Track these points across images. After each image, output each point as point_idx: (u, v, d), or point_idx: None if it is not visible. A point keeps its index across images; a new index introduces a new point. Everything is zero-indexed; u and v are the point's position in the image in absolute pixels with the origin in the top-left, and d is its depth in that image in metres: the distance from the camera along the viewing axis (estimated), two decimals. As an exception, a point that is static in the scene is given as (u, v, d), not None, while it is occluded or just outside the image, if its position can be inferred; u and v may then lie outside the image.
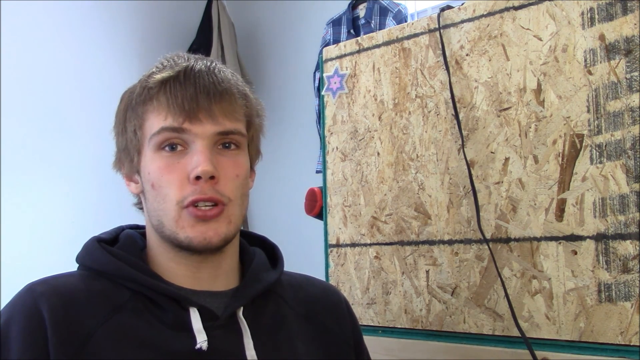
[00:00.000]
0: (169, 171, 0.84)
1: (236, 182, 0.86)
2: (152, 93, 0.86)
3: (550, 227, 1.05)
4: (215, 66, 0.88)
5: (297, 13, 3.61)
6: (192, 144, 0.84)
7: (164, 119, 0.84)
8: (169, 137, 0.84)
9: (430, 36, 1.23)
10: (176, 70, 0.86)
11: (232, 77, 0.89)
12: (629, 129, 0.98)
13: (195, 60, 0.88)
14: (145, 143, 0.86)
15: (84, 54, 3.32)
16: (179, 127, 0.83)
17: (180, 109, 0.83)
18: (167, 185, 0.84)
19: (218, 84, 0.86)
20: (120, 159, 0.91)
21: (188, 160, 0.84)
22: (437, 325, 1.19)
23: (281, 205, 3.52)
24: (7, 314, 0.80)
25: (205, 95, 0.84)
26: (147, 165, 0.86)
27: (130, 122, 0.88)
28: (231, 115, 0.86)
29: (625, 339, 0.96)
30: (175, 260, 0.87)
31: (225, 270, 0.90)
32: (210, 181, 0.83)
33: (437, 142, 1.21)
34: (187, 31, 3.70)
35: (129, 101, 0.89)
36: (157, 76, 0.86)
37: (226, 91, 0.86)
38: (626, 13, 0.98)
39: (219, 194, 0.84)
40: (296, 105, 3.56)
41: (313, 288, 1.00)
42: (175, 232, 0.84)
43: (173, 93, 0.84)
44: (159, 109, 0.85)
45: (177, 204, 0.83)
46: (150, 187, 0.86)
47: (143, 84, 0.87)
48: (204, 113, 0.84)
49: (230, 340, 0.85)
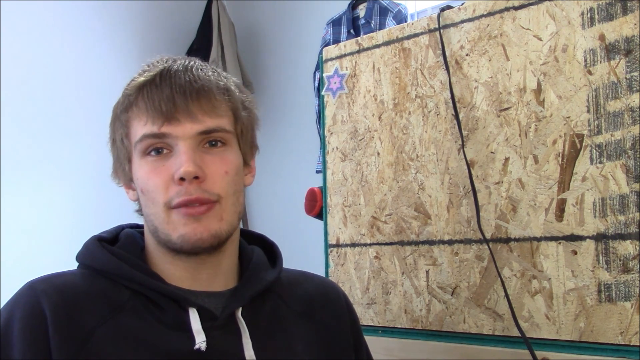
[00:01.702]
0: (155, 174, 0.84)
1: (226, 178, 0.85)
2: (132, 99, 0.85)
3: (550, 227, 1.05)
4: (194, 64, 0.87)
5: (297, 13, 3.61)
6: (176, 146, 0.84)
7: (144, 124, 0.84)
8: (152, 143, 0.84)
9: (430, 36, 1.23)
10: (152, 74, 0.85)
11: (213, 74, 0.88)
12: (629, 129, 0.98)
13: (173, 61, 0.87)
14: (132, 150, 0.86)
15: (84, 54, 3.32)
16: (159, 133, 0.83)
17: (158, 111, 0.83)
18: (154, 189, 0.84)
19: (194, 81, 0.84)
20: (116, 169, 0.91)
21: (172, 162, 0.83)
22: (437, 325, 1.19)
23: (281, 205, 3.53)
24: (9, 312, 0.80)
25: (181, 94, 0.83)
26: (136, 171, 0.86)
27: (118, 132, 0.88)
28: (212, 112, 0.85)
29: (625, 339, 0.96)
30: (174, 263, 0.87)
31: (224, 270, 0.90)
32: (195, 181, 0.82)
33: (437, 142, 1.21)
34: (187, 31, 3.70)
35: (115, 111, 0.89)
36: (135, 82, 0.86)
37: (203, 88, 0.85)
38: (626, 13, 0.98)
39: (207, 192, 0.83)
40: (296, 105, 3.56)
41: (312, 284, 1.00)
42: (169, 234, 0.84)
43: (150, 97, 0.84)
44: (139, 114, 0.85)
45: (165, 205, 0.83)
46: (141, 193, 0.86)
47: (124, 92, 0.88)
48: (182, 113, 0.83)
49: (229, 341, 0.85)
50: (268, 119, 3.67)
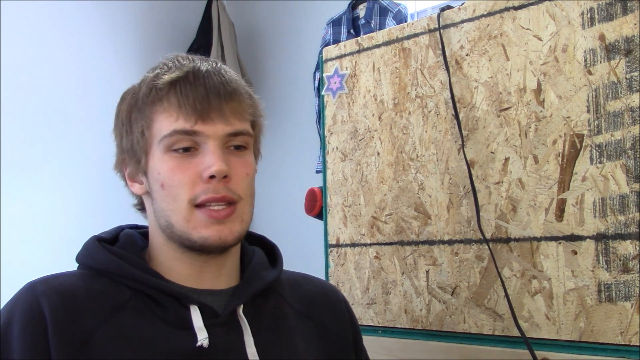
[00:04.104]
0: (181, 171, 0.84)
1: (246, 180, 0.87)
2: (162, 94, 0.85)
3: (550, 227, 1.05)
4: (221, 67, 0.89)
5: (297, 13, 3.61)
6: (204, 144, 0.85)
7: (175, 120, 0.84)
8: (181, 139, 0.84)
9: (430, 36, 1.23)
10: (184, 71, 0.86)
11: (238, 78, 0.90)
12: (629, 129, 0.98)
13: (200, 61, 0.89)
14: (154, 144, 0.86)
15: (84, 53, 3.32)
16: (191, 130, 0.84)
17: (192, 109, 0.84)
18: (178, 184, 0.84)
19: (227, 84, 0.86)
20: (124, 160, 0.90)
21: (200, 160, 0.84)
22: (437, 325, 1.19)
23: (281, 205, 3.52)
24: (8, 313, 0.80)
25: (215, 95, 0.85)
26: (156, 165, 0.86)
27: (137, 123, 0.87)
28: (240, 115, 0.87)
29: (625, 339, 0.96)
30: (181, 260, 0.88)
31: (227, 269, 0.91)
32: (223, 180, 0.84)
33: (437, 142, 1.21)
34: (187, 31, 3.70)
35: (133, 102, 0.88)
36: (166, 77, 0.86)
37: (235, 91, 0.87)
38: (626, 13, 0.98)
39: (232, 192, 0.85)
40: (296, 105, 3.56)
41: (312, 286, 1.00)
42: (188, 232, 0.84)
43: (184, 93, 0.84)
44: (169, 109, 0.85)
45: (189, 202, 0.84)
46: (159, 187, 0.85)
47: (150, 84, 0.87)
48: (216, 113, 0.84)
49: (230, 338, 0.85)
50: (268, 119, 3.64)
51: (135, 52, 3.47)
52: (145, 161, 0.87)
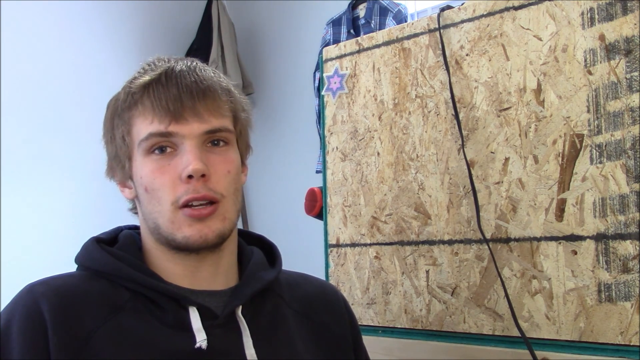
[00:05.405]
0: (160, 173, 0.84)
1: (228, 178, 0.87)
2: (136, 98, 0.86)
3: (550, 227, 1.05)
4: (197, 65, 0.89)
5: (297, 13, 3.61)
6: (181, 145, 0.85)
7: (150, 122, 0.84)
8: (157, 141, 0.85)
9: (430, 36, 1.23)
10: (157, 73, 0.86)
11: (214, 75, 0.90)
12: (629, 129, 0.98)
13: (175, 61, 0.89)
14: (134, 148, 0.87)
15: (84, 53, 3.32)
16: (166, 132, 0.84)
17: (165, 110, 0.84)
18: (160, 187, 0.84)
19: (200, 82, 0.86)
20: (112, 166, 0.91)
21: (178, 161, 0.84)
22: (437, 325, 1.19)
23: (281, 205, 3.52)
24: (8, 315, 0.80)
25: (188, 94, 0.84)
26: (138, 170, 0.86)
27: (118, 129, 0.88)
28: (217, 112, 0.87)
29: (625, 339, 0.96)
30: (174, 261, 0.88)
31: (224, 269, 0.91)
32: (201, 179, 0.83)
33: (437, 142, 1.21)
34: (187, 31, 3.70)
35: (114, 108, 0.89)
36: (140, 80, 0.86)
37: (209, 89, 0.86)
38: (626, 13, 0.98)
39: (212, 191, 0.84)
40: (296, 105, 3.56)
41: (311, 286, 1.00)
42: (172, 233, 0.84)
43: (157, 96, 0.84)
44: (144, 113, 0.85)
45: (172, 204, 0.84)
46: (143, 191, 0.86)
47: (126, 89, 0.88)
48: (189, 112, 0.84)
49: (229, 339, 0.85)
50: (268, 119, 3.67)
51: (135, 52, 3.47)
52: (129, 166, 0.88)
